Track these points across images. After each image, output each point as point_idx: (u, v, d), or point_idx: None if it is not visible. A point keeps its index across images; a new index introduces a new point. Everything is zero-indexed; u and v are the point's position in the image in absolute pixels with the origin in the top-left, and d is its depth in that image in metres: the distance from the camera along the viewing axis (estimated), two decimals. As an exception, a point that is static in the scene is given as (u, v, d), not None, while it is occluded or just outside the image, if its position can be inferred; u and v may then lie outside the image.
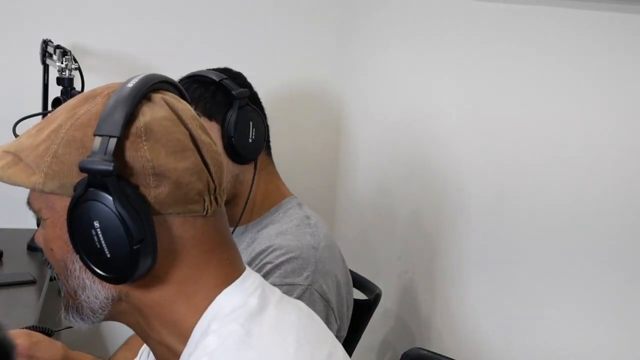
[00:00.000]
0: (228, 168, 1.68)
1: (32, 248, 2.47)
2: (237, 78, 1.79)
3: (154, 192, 0.93)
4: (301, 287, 1.59)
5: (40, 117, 2.23)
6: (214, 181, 0.98)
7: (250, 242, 1.73)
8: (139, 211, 0.91)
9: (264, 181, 1.78)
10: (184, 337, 0.97)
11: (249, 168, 1.72)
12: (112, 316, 1.01)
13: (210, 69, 1.78)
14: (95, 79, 2.39)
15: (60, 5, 2.59)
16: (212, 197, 0.98)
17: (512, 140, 1.78)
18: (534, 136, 1.70)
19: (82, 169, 0.91)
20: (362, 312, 1.91)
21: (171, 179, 0.94)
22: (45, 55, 2.40)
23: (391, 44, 2.46)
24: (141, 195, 0.92)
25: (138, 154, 0.93)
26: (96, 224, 0.90)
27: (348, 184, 2.78)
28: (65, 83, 2.19)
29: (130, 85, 0.96)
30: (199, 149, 0.98)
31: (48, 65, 2.42)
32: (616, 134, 1.49)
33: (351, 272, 2.04)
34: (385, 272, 2.34)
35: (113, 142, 0.91)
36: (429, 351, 1.62)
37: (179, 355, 0.97)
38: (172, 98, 1.00)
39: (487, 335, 1.85)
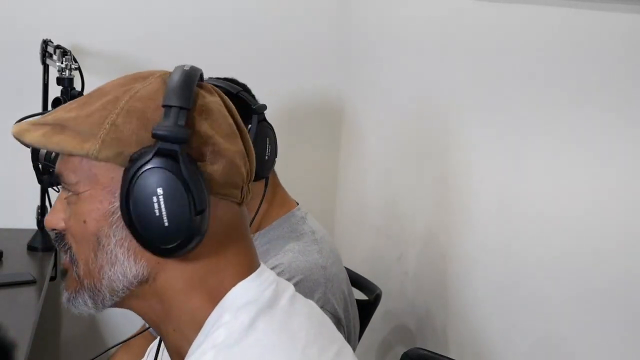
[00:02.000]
0: None
1: (32, 248, 2.47)
2: (250, 91, 1.77)
3: (210, 169, 0.94)
4: None
5: (40, 117, 2.24)
6: (249, 171, 1.00)
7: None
8: (202, 182, 0.92)
9: (270, 193, 1.76)
10: (198, 326, 0.97)
11: (259, 183, 1.69)
12: (126, 301, 0.99)
13: (217, 78, 1.74)
14: (95, 79, 2.37)
15: (60, 5, 2.59)
16: (247, 186, 1.00)
17: (519, 140, 1.78)
18: (542, 134, 1.70)
19: (155, 135, 0.91)
20: (362, 312, 1.91)
21: (226, 159, 0.95)
22: (45, 55, 2.40)
23: (392, 46, 2.46)
24: (200, 169, 0.93)
25: (201, 129, 0.95)
26: (159, 190, 0.90)
27: (348, 184, 2.78)
28: (65, 83, 2.18)
29: (187, 69, 0.97)
30: (242, 137, 1.00)
31: (48, 65, 2.42)
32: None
33: (351, 272, 2.05)
34: (386, 273, 2.34)
35: (184, 113, 0.92)
36: (429, 351, 1.62)
37: (191, 343, 0.97)
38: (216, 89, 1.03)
39: (487, 335, 1.85)
